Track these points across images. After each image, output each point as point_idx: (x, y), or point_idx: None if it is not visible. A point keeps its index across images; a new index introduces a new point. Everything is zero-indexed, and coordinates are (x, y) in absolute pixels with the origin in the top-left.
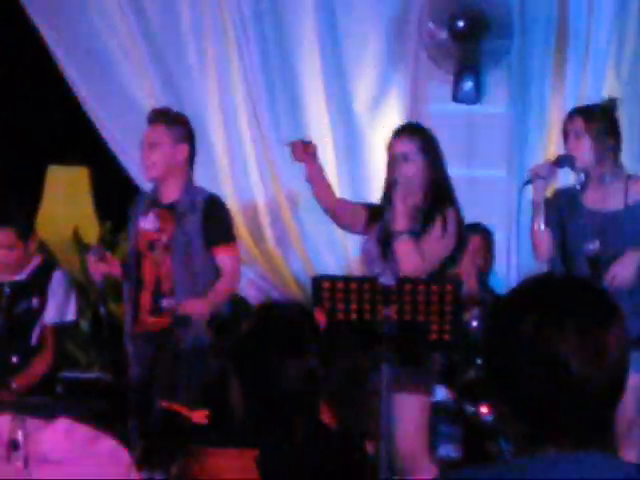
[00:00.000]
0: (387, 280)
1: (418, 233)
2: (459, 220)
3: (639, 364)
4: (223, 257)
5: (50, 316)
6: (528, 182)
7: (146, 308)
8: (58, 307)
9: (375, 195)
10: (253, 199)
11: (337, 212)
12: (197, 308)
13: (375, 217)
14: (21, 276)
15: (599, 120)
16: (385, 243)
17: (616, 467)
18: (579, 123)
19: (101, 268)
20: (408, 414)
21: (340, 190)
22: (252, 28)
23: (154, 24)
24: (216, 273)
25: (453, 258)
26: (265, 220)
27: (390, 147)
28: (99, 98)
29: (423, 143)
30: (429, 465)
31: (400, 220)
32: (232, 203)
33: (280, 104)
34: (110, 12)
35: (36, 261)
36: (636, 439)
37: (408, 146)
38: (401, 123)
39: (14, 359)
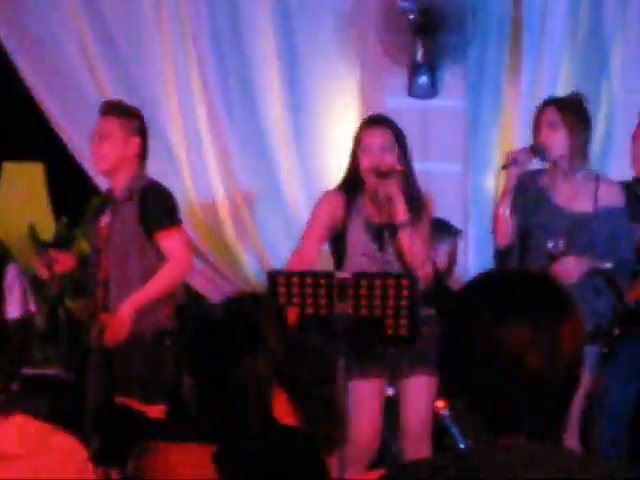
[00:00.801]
0: (343, 274)
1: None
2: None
3: (590, 359)
4: (167, 242)
5: (12, 311)
6: (504, 167)
7: (99, 305)
8: (18, 301)
9: (326, 182)
10: (211, 194)
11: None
12: (124, 311)
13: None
14: None
15: (574, 112)
16: (378, 235)
17: (568, 459)
18: (554, 114)
19: (50, 270)
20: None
21: (293, 176)
22: (206, 20)
23: (108, 17)
24: (158, 261)
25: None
26: (223, 215)
27: (363, 137)
28: (53, 94)
29: (397, 134)
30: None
31: (401, 211)
32: (191, 198)
33: (234, 94)
34: (63, 7)
35: None
36: (574, 429)
37: (386, 137)
38: (369, 115)
39: None
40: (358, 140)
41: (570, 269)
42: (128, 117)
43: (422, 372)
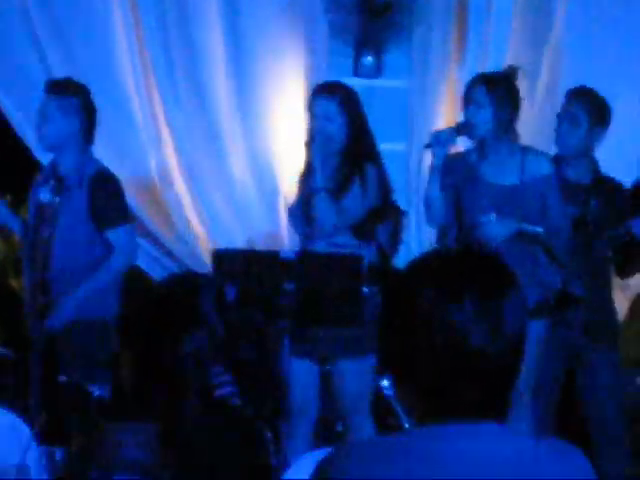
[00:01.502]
0: (288, 254)
1: (336, 190)
2: (381, 176)
3: (534, 334)
4: (116, 237)
5: None
6: (428, 145)
7: (38, 286)
8: None
9: (274, 161)
10: (157, 171)
11: None
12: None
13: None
14: None
15: (501, 88)
16: (307, 203)
17: (512, 439)
18: (481, 91)
19: None
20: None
21: (239, 154)
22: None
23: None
24: (104, 249)
25: (378, 212)
26: (169, 192)
27: (309, 106)
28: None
29: (343, 101)
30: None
31: (317, 177)
32: (137, 175)
33: (180, 73)
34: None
35: None
36: (526, 409)
37: (327, 105)
38: (320, 83)
39: None
40: (307, 110)
41: (493, 230)
42: (71, 95)
43: (354, 355)
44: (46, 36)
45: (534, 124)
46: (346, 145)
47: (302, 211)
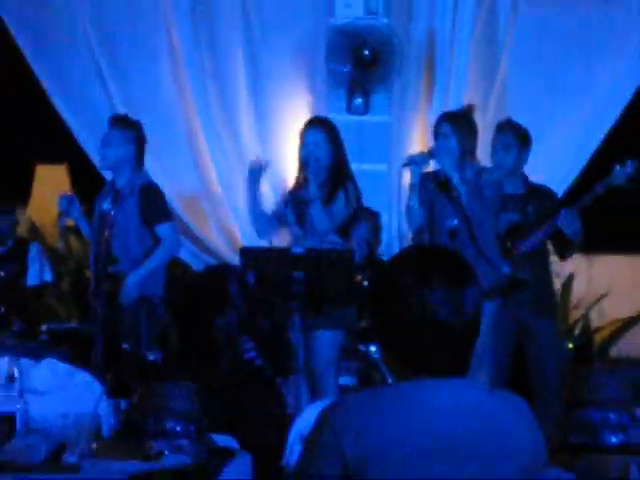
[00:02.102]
0: (297, 250)
1: (326, 200)
2: (357, 192)
3: (488, 311)
4: (162, 230)
5: (31, 279)
6: (405, 165)
7: (100, 273)
8: (37, 272)
9: (286, 175)
10: (199, 186)
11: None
12: (129, 282)
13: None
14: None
15: (462, 124)
16: (299, 210)
17: (472, 391)
18: (447, 125)
19: (68, 220)
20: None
21: (250, 156)
22: (193, 51)
23: (117, 47)
24: (153, 243)
25: (355, 218)
26: (206, 203)
27: (302, 136)
28: (74, 110)
29: (329, 133)
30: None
31: (312, 190)
32: (182, 189)
33: (213, 106)
34: (78, 37)
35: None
36: (482, 369)
37: (317, 135)
38: (310, 117)
39: (2, 309)
40: (300, 137)
41: None
42: (128, 128)
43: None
44: (110, 76)
45: (485, 148)
46: (330, 166)
47: (296, 216)
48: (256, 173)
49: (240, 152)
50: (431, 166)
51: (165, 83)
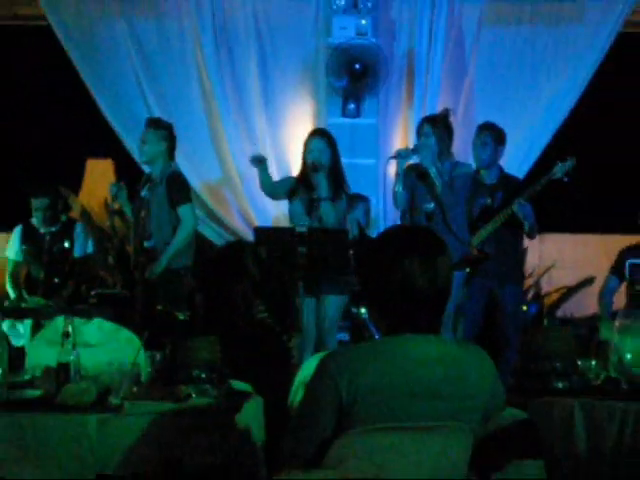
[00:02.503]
0: (301, 228)
1: (334, 199)
2: (348, 187)
3: (457, 279)
4: (182, 211)
5: (77, 252)
6: (393, 157)
7: (138, 250)
8: (81, 246)
9: (292, 169)
10: (219, 172)
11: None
12: (160, 263)
13: (294, 189)
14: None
15: (440, 125)
16: (309, 205)
17: (444, 342)
18: (427, 127)
19: (116, 203)
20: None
21: (271, 163)
22: (215, 62)
23: (152, 58)
24: (178, 223)
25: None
26: (225, 187)
27: (307, 144)
28: (116, 113)
29: (330, 141)
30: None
31: (323, 191)
32: (206, 176)
33: (233, 110)
34: (120, 54)
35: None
36: (450, 326)
37: (322, 143)
38: (314, 129)
39: (55, 280)
40: (305, 145)
41: None
42: (161, 128)
43: (337, 293)
44: (145, 81)
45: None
46: (330, 168)
47: (306, 209)
48: (256, 163)
49: (255, 150)
50: (414, 160)
51: (192, 87)
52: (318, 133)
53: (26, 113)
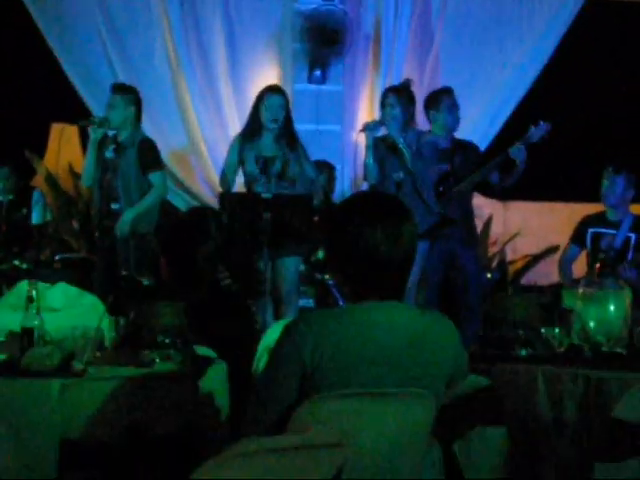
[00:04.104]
0: (266, 194)
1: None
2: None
3: (421, 249)
4: (153, 177)
5: (35, 219)
6: (362, 130)
7: (103, 211)
8: (39, 213)
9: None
10: (185, 139)
11: None
12: (125, 217)
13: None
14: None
15: (404, 96)
16: (263, 163)
17: (407, 311)
18: (393, 97)
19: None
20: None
21: (236, 127)
22: (181, 32)
23: (118, 24)
24: (147, 188)
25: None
26: (191, 154)
27: (264, 98)
28: (83, 78)
29: (285, 98)
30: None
31: (277, 149)
32: (172, 142)
33: (199, 76)
34: (87, 20)
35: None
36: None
37: (281, 99)
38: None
39: (14, 249)
40: (261, 99)
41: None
42: (128, 93)
43: (292, 254)
44: (111, 46)
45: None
46: (285, 125)
47: (260, 171)
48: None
49: (220, 114)
50: (381, 132)
51: (157, 54)
52: (276, 89)
53: None
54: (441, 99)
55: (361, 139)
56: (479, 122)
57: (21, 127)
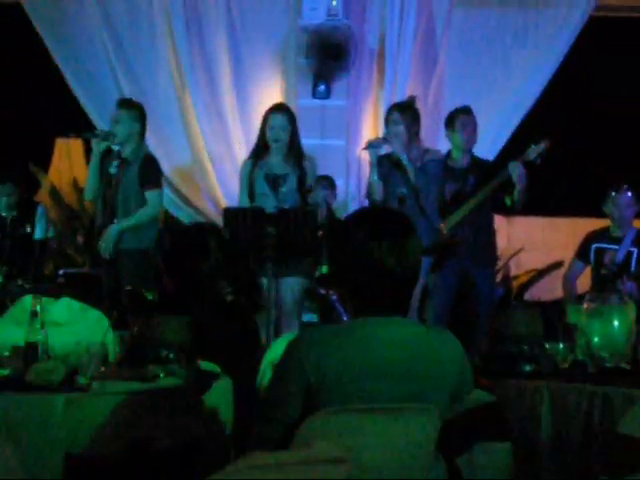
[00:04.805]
0: (270, 209)
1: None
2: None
3: (426, 265)
4: (149, 195)
5: (38, 234)
6: (365, 148)
7: (106, 225)
8: (42, 228)
9: (253, 141)
10: (189, 155)
11: None
12: (110, 232)
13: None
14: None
15: (408, 113)
16: (272, 181)
17: (412, 325)
18: (396, 114)
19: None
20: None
21: (242, 148)
22: (186, 50)
23: (122, 37)
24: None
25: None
26: (194, 169)
27: (268, 119)
28: (87, 92)
29: (291, 117)
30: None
31: (284, 167)
32: (175, 158)
33: (203, 91)
34: (91, 32)
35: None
36: (414, 310)
37: (284, 119)
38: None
39: (18, 265)
40: (265, 120)
41: None
42: (133, 108)
43: (297, 273)
44: (118, 64)
45: (425, 129)
46: (292, 145)
47: (268, 188)
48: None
49: (225, 130)
50: (385, 149)
51: (162, 72)
52: (278, 109)
53: None
54: (456, 118)
55: (365, 156)
56: (484, 137)
57: (26, 142)
